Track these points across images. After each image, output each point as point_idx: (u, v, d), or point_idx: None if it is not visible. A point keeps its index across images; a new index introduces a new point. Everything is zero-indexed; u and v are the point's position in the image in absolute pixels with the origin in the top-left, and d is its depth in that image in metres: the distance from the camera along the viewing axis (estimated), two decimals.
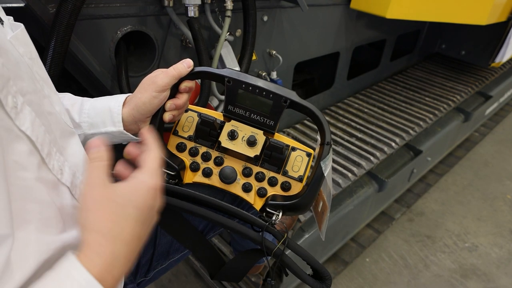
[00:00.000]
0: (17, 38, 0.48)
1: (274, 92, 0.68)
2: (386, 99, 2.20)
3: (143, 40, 1.15)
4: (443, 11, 1.68)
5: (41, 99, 0.47)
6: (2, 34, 0.43)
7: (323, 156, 0.67)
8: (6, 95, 0.39)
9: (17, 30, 0.49)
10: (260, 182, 0.73)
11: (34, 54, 0.52)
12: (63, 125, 0.53)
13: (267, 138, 0.72)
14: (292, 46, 1.61)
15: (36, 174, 0.42)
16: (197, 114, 0.77)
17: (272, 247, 0.69)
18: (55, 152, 0.47)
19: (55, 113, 0.51)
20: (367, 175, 1.75)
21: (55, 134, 0.49)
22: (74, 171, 0.51)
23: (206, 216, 0.69)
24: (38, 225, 0.42)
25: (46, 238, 0.43)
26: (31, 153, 0.43)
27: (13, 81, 0.41)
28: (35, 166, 0.43)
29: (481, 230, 2.09)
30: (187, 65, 0.68)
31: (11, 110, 0.40)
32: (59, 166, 0.47)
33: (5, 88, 0.39)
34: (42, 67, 0.54)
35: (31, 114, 0.43)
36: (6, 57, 0.41)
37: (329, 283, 0.71)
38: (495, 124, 3.07)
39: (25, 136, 0.42)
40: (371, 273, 1.80)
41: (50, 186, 0.45)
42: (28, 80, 0.45)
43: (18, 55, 0.46)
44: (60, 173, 0.47)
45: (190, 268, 1.72)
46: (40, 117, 0.45)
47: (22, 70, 0.44)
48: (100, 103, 0.71)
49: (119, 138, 0.72)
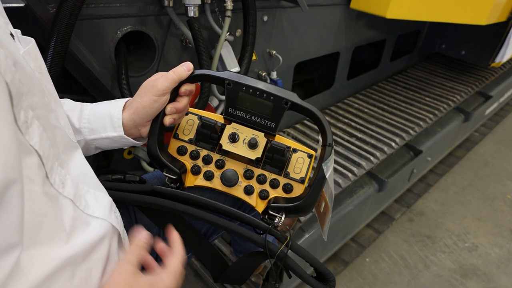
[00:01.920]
0: (29, 54, 0.49)
1: (275, 94, 0.67)
2: (386, 99, 2.20)
3: (143, 40, 1.15)
4: (443, 11, 1.68)
5: (48, 113, 0.48)
6: (16, 50, 0.44)
7: (325, 158, 0.67)
8: (20, 110, 0.40)
9: (29, 46, 0.50)
10: (261, 184, 0.73)
11: (43, 68, 0.53)
12: (67, 139, 0.54)
13: (268, 140, 0.72)
14: (292, 46, 1.61)
15: (42, 187, 0.43)
16: (197, 117, 0.76)
17: (276, 250, 0.69)
18: (56, 166, 0.47)
19: (60, 127, 0.52)
20: (367, 175, 1.75)
21: (58, 148, 0.49)
22: (77, 182, 0.51)
23: (208, 219, 0.69)
24: (44, 239, 0.42)
25: (51, 252, 0.43)
26: (39, 167, 0.43)
27: (25, 95, 0.41)
28: (41, 180, 0.43)
29: (481, 230, 2.09)
30: (187, 69, 0.68)
31: (22, 125, 0.40)
32: (60, 180, 0.48)
33: (19, 104, 0.40)
34: (50, 81, 0.54)
35: (39, 128, 0.44)
36: (22, 72, 0.41)
37: (333, 285, 0.71)
38: (495, 124, 3.07)
39: (34, 150, 0.42)
40: (371, 273, 1.80)
41: (53, 200, 0.45)
42: (38, 94, 0.46)
43: (30, 70, 0.46)
44: (62, 186, 0.48)
45: (190, 268, 1.72)
46: (47, 131, 0.46)
47: (34, 84, 0.44)
48: (100, 108, 0.70)
49: (119, 142, 0.72)
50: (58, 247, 0.44)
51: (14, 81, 0.38)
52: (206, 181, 0.74)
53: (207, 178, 0.73)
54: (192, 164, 0.74)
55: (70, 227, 0.47)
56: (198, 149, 0.75)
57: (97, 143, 0.72)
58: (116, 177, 0.72)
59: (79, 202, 0.50)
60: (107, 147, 0.73)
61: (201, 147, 0.75)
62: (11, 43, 0.43)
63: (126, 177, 0.74)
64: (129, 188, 0.72)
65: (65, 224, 0.46)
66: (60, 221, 0.45)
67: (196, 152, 0.74)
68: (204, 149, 0.75)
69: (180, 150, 0.75)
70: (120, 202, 0.69)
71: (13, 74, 0.38)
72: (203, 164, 0.74)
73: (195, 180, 0.74)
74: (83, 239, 0.48)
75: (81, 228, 0.49)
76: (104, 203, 0.56)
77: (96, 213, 0.53)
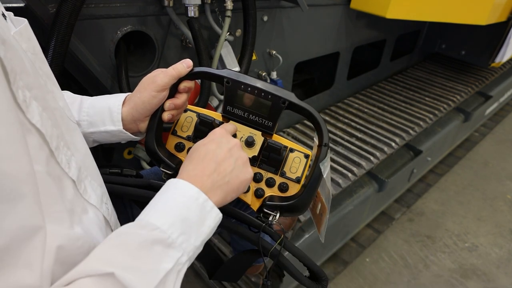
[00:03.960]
0: (20, 34, 0.48)
1: (272, 93, 0.68)
2: (386, 99, 2.20)
3: (143, 40, 1.15)
4: (443, 11, 1.68)
5: (46, 94, 0.48)
6: (6, 30, 0.43)
7: (321, 158, 0.67)
8: (17, 89, 0.40)
9: (21, 26, 0.49)
10: (257, 183, 0.73)
11: (37, 49, 0.52)
12: (67, 120, 0.54)
13: (265, 139, 0.72)
14: (292, 46, 1.61)
15: (45, 167, 0.43)
16: (196, 114, 0.77)
17: (269, 248, 0.69)
18: (62, 146, 0.47)
19: (59, 109, 0.51)
20: (367, 175, 1.75)
21: (61, 128, 0.49)
22: (79, 165, 0.51)
23: None
24: (50, 219, 0.42)
25: (57, 230, 0.43)
26: (41, 147, 0.43)
27: (19, 75, 0.41)
28: (44, 159, 0.43)
29: (481, 230, 2.09)
30: (187, 65, 0.68)
31: (22, 103, 0.40)
32: (66, 160, 0.48)
33: (16, 82, 0.39)
34: (45, 62, 0.54)
35: (38, 108, 0.43)
36: (12, 52, 0.41)
37: (325, 284, 0.71)
38: (495, 124, 3.07)
39: (35, 129, 0.42)
40: (371, 273, 1.80)
41: (56, 180, 0.45)
42: (32, 75, 0.45)
43: (21, 50, 0.46)
44: (68, 167, 0.48)
45: (190, 268, 1.72)
46: (46, 112, 0.45)
47: (26, 65, 0.44)
48: (100, 102, 0.71)
49: (118, 137, 0.72)
50: (62, 228, 0.44)
51: (6, 58, 0.38)
52: None
53: None
54: None
55: (71, 210, 0.47)
56: None
57: (95, 137, 0.72)
58: (113, 170, 0.73)
59: (80, 186, 0.51)
60: (105, 140, 0.73)
61: None
62: (2, 22, 0.43)
63: (123, 171, 0.75)
64: (125, 181, 0.72)
65: (68, 205, 0.46)
66: (63, 202, 0.45)
67: None
68: None
69: (178, 147, 0.75)
70: (116, 195, 0.69)
71: (4, 52, 0.38)
72: None
73: None
74: (83, 228, 0.48)
75: (80, 212, 0.49)
76: (98, 192, 0.56)
77: (92, 200, 0.53)
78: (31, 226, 0.38)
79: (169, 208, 0.51)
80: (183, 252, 0.49)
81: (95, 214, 0.53)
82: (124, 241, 0.46)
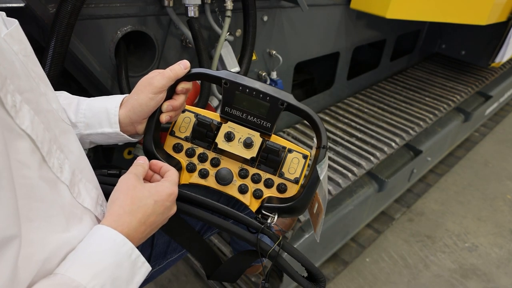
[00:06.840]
0: (11, 36, 0.47)
1: (271, 94, 0.68)
2: (386, 99, 2.20)
3: (143, 40, 1.15)
4: (443, 11, 1.68)
5: (38, 97, 0.47)
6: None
7: (319, 160, 0.67)
8: (6, 94, 0.39)
9: (12, 27, 0.49)
10: (256, 183, 0.74)
11: (29, 51, 0.51)
12: (61, 122, 0.53)
13: (263, 140, 0.72)
14: (292, 46, 1.61)
15: (38, 172, 0.43)
16: (194, 115, 0.77)
17: (267, 249, 0.69)
18: (55, 150, 0.47)
19: (53, 111, 0.51)
20: (367, 175, 1.75)
21: (54, 131, 0.49)
22: (73, 169, 0.51)
23: (202, 217, 0.69)
24: (42, 224, 0.42)
25: (49, 237, 0.43)
26: (32, 152, 0.43)
27: (10, 79, 0.40)
28: (36, 164, 0.43)
29: (481, 230, 2.09)
30: (184, 67, 0.68)
31: (11, 109, 0.40)
32: (59, 164, 0.47)
33: (4, 87, 0.39)
34: (37, 64, 0.53)
35: (29, 112, 0.43)
36: (2, 56, 0.41)
37: (323, 285, 0.71)
38: (495, 124, 3.07)
39: (26, 134, 0.42)
40: (371, 273, 1.80)
41: (51, 184, 0.45)
42: (24, 78, 0.44)
43: (12, 53, 0.45)
44: (60, 171, 0.47)
45: (190, 268, 1.72)
46: (39, 115, 0.45)
47: (17, 68, 0.44)
48: (97, 104, 0.70)
49: (115, 139, 0.72)
50: (57, 232, 0.44)
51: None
52: (201, 178, 0.74)
53: (202, 176, 0.74)
54: (187, 161, 0.75)
55: (67, 214, 0.47)
56: (193, 147, 0.75)
57: (92, 138, 0.72)
58: (111, 172, 0.73)
59: (73, 189, 0.50)
60: (101, 142, 0.73)
61: (197, 145, 0.75)
62: None
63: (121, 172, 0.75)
64: None
65: (63, 210, 0.46)
66: (57, 206, 0.45)
67: (192, 150, 0.74)
68: (200, 147, 0.75)
69: (175, 148, 0.75)
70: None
71: None
72: (198, 162, 0.75)
73: (190, 177, 0.74)
74: (80, 231, 0.48)
75: (75, 217, 0.49)
76: (92, 194, 0.56)
77: (85, 203, 0.53)
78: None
79: (102, 267, 0.47)
80: None
81: (90, 217, 0.53)
82: None
